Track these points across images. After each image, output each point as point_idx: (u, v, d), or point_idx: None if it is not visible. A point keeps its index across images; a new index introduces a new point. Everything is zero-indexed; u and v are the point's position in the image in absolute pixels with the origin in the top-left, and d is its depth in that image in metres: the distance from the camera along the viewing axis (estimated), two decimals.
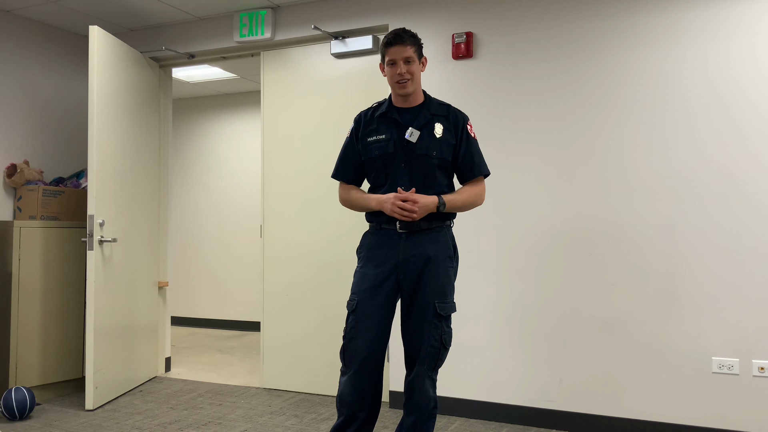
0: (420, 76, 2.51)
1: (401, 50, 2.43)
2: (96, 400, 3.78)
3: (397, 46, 2.44)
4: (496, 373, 3.55)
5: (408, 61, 2.44)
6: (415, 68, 2.46)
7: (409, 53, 2.44)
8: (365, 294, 2.45)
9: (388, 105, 2.56)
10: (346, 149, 2.63)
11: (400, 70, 2.44)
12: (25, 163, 4.24)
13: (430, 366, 2.44)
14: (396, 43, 2.44)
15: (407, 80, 2.45)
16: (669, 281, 3.21)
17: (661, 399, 3.21)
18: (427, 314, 2.42)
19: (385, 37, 2.49)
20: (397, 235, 2.46)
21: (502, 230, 3.56)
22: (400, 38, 2.44)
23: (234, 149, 6.84)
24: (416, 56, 2.47)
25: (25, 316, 3.93)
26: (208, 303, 6.89)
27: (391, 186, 2.48)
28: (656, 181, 3.25)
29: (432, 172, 2.47)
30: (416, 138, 2.45)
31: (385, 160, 2.49)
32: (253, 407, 3.81)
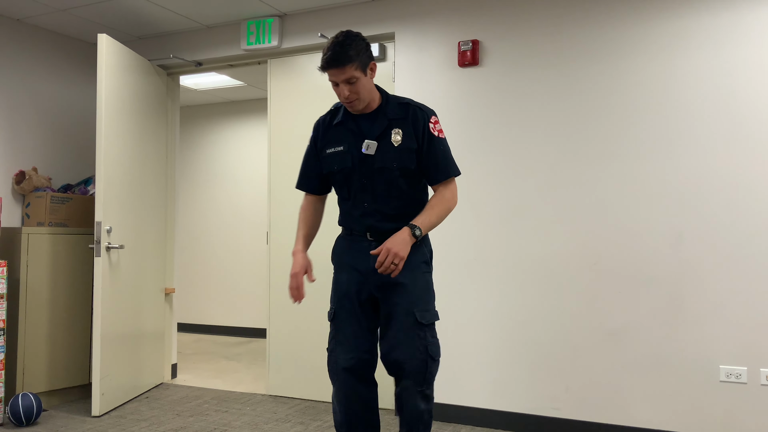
0: (370, 85, 2.30)
1: (340, 72, 2.20)
2: (102, 407, 3.79)
3: (334, 69, 2.20)
4: (502, 380, 3.54)
5: (350, 81, 2.22)
6: (360, 85, 2.24)
7: (350, 73, 2.20)
8: (340, 302, 2.36)
9: (344, 113, 2.39)
10: (307, 158, 2.49)
11: (343, 93, 2.24)
12: (34, 170, 4.27)
13: (419, 381, 2.26)
14: (332, 66, 2.19)
15: (353, 100, 2.27)
16: (675, 289, 3.20)
17: (668, 407, 3.19)
18: (407, 324, 2.25)
19: (322, 53, 2.23)
20: (367, 241, 2.35)
21: (507, 237, 3.56)
22: (337, 60, 2.18)
23: (241, 156, 6.87)
24: (360, 72, 2.23)
25: (33, 322, 3.95)
26: (215, 309, 6.90)
27: (355, 201, 2.36)
28: (663, 189, 3.24)
29: (396, 183, 2.32)
30: (374, 150, 2.29)
31: (345, 174, 2.36)
32: (258, 414, 3.81)
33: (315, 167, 2.47)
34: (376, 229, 2.34)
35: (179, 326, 6.98)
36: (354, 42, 2.21)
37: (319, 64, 2.28)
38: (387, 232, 2.29)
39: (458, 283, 3.66)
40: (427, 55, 3.81)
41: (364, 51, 2.24)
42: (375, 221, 2.34)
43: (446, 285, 3.67)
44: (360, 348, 2.32)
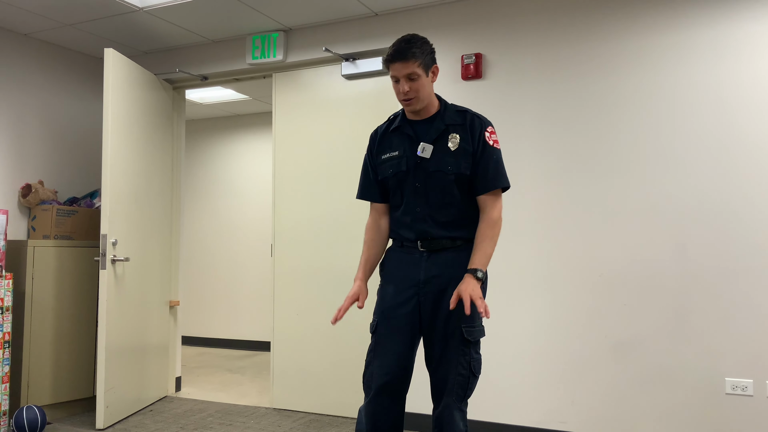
0: (430, 88, 2.28)
1: (403, 67, 2.20)
2: (107, 420, 3.78)
3: (398, 63, 2.20)
4: (508, 394, 3.53)
5: (412, 78, 2.21)
6: (420, 84, 2.22)
7: (412, 69, 2.19)
8: (384, 315, 2.30)
9: (401, 118, 2.37)
10: (365, 168, 2.46)
11: (403, 89, 2.22)
12: (40, 183, 4.30)
13: (459, 397, 2.23)
14: (397, 59, 2.20)
15: (412, 98, 2.24)
16: (681, 301, 3.19)
17: (674, 420, 3.17)
18: (453, 340, 2.22)
19: (388, 49, 2.25)
20: (419, 253, 2.29)
21: (512, 251, 3.56)
22: (402, 54, 2.19)
23: (245, 169, 6.89)
24: (422, 70, 2.21)
25: (38, 334, 3.96)
26: (219, 323, 6.90)
27: (407, 207, 2.31)
28: (667, 201, 3.24)
29: (450, 189, 2.26)
30: (429, 153, 2.26)
31: (399, 179, 2.31)
32: (262, 428, 3.80)
33: (373, 176, 2.43)
34: (427, 235, 2.28)
35: (183, 339, 6.98)
36: (420, 42, 2.24)
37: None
38: (438, 239, 2.27)
39: None
40: None
41: (429, 53, 2.25)
42: (427, 227, 2.28)
43: None
44: (398, 365, 2.26)
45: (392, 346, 2.26)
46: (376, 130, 2.45)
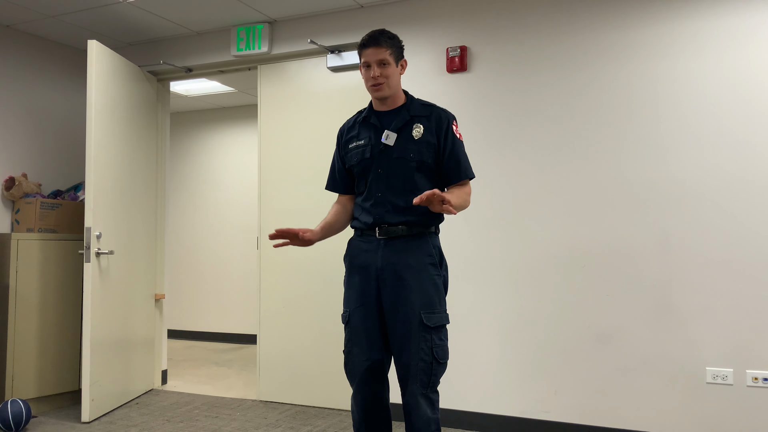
0: (398, 78, 2.41)
1: (375, 52, 2.32)
2: (92, 413, 3.78)
3: (371, 48, 2.33)
4: (492, 384, 3.56)
5: (383, 64, 2.33)
6: (390, 71, 2.35)
7: (384, 56, 2.33)
8: (354, 304, 2.38)
9: (368, 110, 2.48)
10: (334, 161, 2.59)
11: (374, 73, 2.33)
12: (24, 176, 4.27)
13: (424, 383, 2.25)
14: (370, 44, 2.33)
15: (381, 83, 2.34)
16: (663, 292, 3.23)
17: (655, 409, 3.22)
18: (412, 326, 2.26)
19: (362, 38, 2.38)
20: (376, 241, 2.36)
21: (496, 241, 3.59)
22: (375, 40, 2.33)
23: (231, 162, 6.87)
24: (393, 59, 2.35)
25: (22, 328, 3.94)
26: (205, 316, 6.89)
27: (369, 192, 2.39)
28: (650, 192, 3.28)
29: (410, 175, 2.34)
30: (393, 141, 2.36)
31: (363, 166, 2.41)
32: (249, 420, 3.81)
33: (340, 167, 2.54)
34: (384, 220, 2.35)
35: (169, 333, 6.96)
36: (392, 34, 2.38)
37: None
38: (395, 226, 2.34)
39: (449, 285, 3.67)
40: (416, 61, 3.84)
41: (399, 45, 2.40)
42: (384, 211, 2.35)
43: None
44: (375, 348, 2.34)
45: (366, 332, 2.34)
46: (344, 124, 2.57)
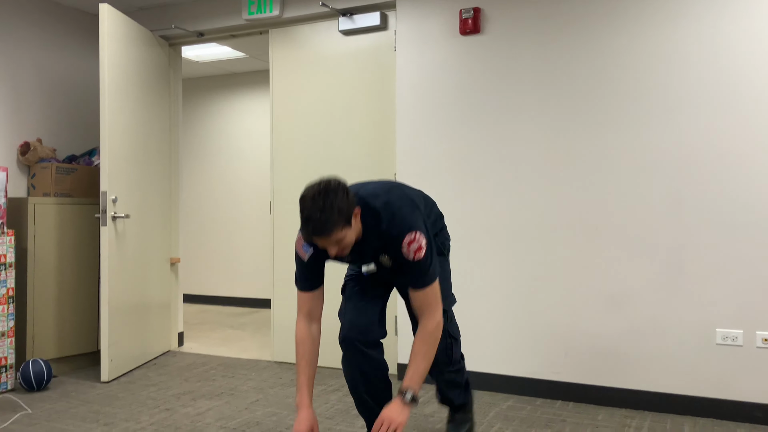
0: (357, 227, 2.16)
1: (326, 240, 2.06)
2: (111, 373, 3.87)
3: (321, 238, 2.04)
4: (502, 346, 3.61)
5: (338, 241, 2.07)
6: (348, 238, 2.10)
7: (336, 237, 2.05)
8: (351, 276, 2.53)
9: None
10: (309, 264, 2.32)
11: (330, 253, 2.13)
12: (38, 141, 4.30)
13: (446, 363, 2.50)
14: (318, 236, 2.04)
15: (343, 251, 2.15)
16: (675, 254, 3.24)
17: (665, 370, 3.25)
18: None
19: (301, 215, 2.04)
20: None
21: (507, 205, 3.60)
22: (320, 231, 2.01)
23: (243, 128, 6.88)
24: (346, 228, 2.07)
25: (41, 290, 4.02)
26: (219, 281, 6.98)
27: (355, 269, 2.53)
28: (662, 156, 3.26)
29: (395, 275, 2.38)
30: (374, 268, 2.37)
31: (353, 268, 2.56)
32: (264, 379, 3.89)
33: (317, 268, 2.34)
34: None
35: (184, 297, 7.06)
36: (335, 201, 2.01)
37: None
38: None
39: (459, 252, 3.70)
40: (429, 23, 3.81)
41: (346, 204, 2.05)
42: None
43: None
44: (367, 314, 2.42)
45: (360, 299, 2.44)
46: (306, 246, 2.31)
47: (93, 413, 3.26)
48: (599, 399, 3.37)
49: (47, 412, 3.29)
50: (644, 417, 3.17)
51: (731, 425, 3.04)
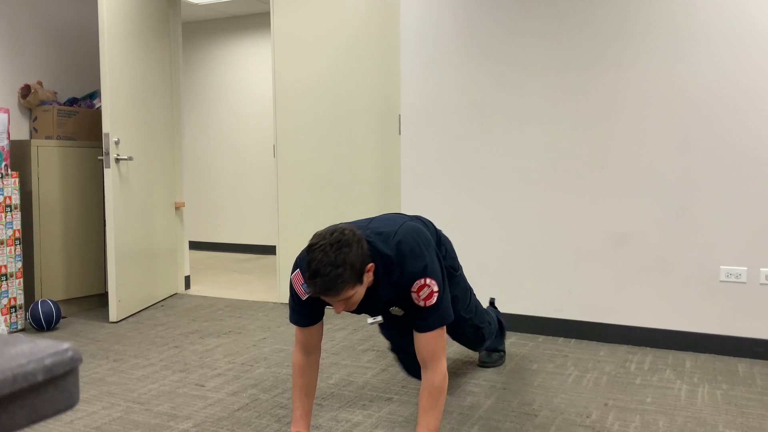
0: (369, 281, 1.94)
1: (334, 298, 1.86)
2: (119, 313, 3.92)
3: (328, 297, 1.85)
4: (507, 285, 3.63)
5: (346, 299, 1.88)
6: (357, 296, 1.90)
7: (346, 295, 1.85)
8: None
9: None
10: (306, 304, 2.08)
11: (338, 310, 1.92)
12: (39, 83, 4.26)
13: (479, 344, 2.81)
14: (327, 294, 1.84)
15: (350, 308, 1.97)
16: (680, 193, 3.23)
17: (669, 308, 3.28)
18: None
19: (308, 278, 1.83)
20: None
21: (513, 145, 3.57)
22: (329, 289, 1.81)
23: (244, 71, 6.79)
24: (358, 285, 1.87)
25: (47, 232, 4.04)
26: (224, 228, 7.01)
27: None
28: (670, 94, 3.21)
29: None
30: (381, 319, 2.20)
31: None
32: (271, 319, 3.94)
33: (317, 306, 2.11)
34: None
35: (190, 244, 7.11)
36: (348, 257, 1.81)
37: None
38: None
39: (464, 192, 3.69)
40: None
41: (360, 259, 1.85)
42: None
43: (453, 195, 3.71)
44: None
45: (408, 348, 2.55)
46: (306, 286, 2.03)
47: (102, 351, 3.32)
48: (601, 336, 3.41)
49: None
50: (646, 353, 3.21)
51: (732, 360, 3.08)
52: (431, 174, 3.76)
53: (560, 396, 2.63)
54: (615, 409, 2.48)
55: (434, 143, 3.74)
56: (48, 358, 0.42)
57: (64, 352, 0.45)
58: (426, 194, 3.78)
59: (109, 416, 2.46)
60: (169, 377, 2.90)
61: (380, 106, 4.03)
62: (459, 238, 3.71)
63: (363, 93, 4.07)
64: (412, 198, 3.81)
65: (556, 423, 2.36)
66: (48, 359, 0.42)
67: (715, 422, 2.35)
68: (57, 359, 0.42)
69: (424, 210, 3.78)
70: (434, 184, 3.75)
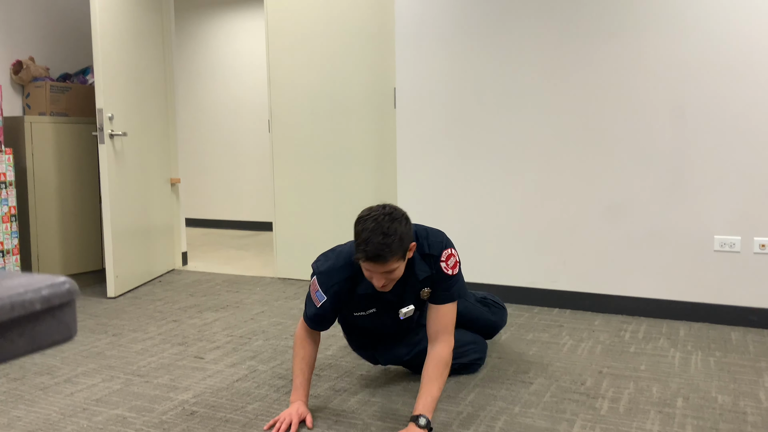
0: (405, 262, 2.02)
1: (381, 267, 1.92)
2: (117, 289, 3.94)
3: (375, 264, 1.92)
4: (502, 257, 3.65)
5: (389, 272, 1.95)
6: (398, 272, 1.98)
7: (391, 266, 1.93)
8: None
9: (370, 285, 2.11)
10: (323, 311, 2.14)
11: (378, 282, 1.98)
12: (31, 59, 4.22)
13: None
14: (374, 261, 1.91)
15: (387, 287, 2.04)
16: (675, 162, 3.23)
17: (663, 278, 3.30)
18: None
19: (360, 237, 1.91)
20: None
21: (509, 117, 3.56)
22: (379, 257, 1.88)
23: (238, 45, 6.74)
24: (401, 261, 1.96)
25: (43, 209, 4.04)
26: (220, 204, 7.01)
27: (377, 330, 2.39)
28: (664, 65, 3.21)
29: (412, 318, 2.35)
30: (411, 312, 2.23)
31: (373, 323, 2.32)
32: (268, 293, 3.96)
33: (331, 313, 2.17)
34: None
35: (186, 222, 7.11)
36: (398, 228, 1.90)
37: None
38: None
39: (460, 165, 3.69)
40: None
41: (408, 235, 1.95)
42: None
43: (449, 168, 3.71)
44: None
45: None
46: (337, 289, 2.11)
47: (101, 325, 3.34)
48: (596, 306, 3.44)
49: None
50: (640, 322, 3.24)
51: (725, 329, 3.12)
52: (427, 148, 3.75)
53: (555, 364, 2.66)
54: (609, 377, 2.51)
55: (429, 117, 3.73)
56: (45, 289, 0.43)
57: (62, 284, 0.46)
58: (422, 168, 3.78)
59: (109, 388, 2.48)
60: (168, 350, 2.92)
61: (375, 80, 4.01)
62: (455, 211, 3.72)
63: (358, 66, 4.05)
64: (408, 172, 3.81)
65: (551, 390, 2.39)
66: (45, 290, 0.43)
67: (708, 388, 2.38)
68: (54, 290, 0.44)
69: (419, 183, 3.79)
70: (430, 157, 3.75)
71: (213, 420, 2.18)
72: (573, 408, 2.23)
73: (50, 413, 2.26)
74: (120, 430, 2.11)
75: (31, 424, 2.17)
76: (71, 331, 0.45)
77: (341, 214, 4.17)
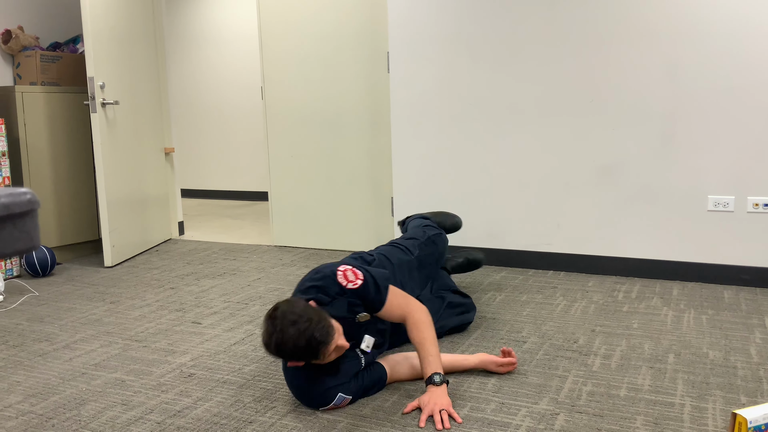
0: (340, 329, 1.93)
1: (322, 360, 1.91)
2: (114, 258, 3.95)
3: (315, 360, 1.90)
4: (495, 221, 3.66)
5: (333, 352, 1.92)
6: (337, 348, 1.91)
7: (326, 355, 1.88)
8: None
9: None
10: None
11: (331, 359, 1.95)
12: (20, 28, 4.17)
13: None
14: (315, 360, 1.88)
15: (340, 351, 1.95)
16: (668, 122, 3.22)
17: (657, 238, 3.32)
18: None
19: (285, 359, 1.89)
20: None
21: (502, 78, 3.54)
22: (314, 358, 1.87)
23: (230, 11, 6.65)
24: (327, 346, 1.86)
25: (37, 179, 4.03)
26: (215, 174, 6.99)
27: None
28: (658, 23, 3.17)
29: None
30: (372, 340, 2.11)
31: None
32: (265, 261, 3.98)
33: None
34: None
35: (182, 192, 7.10)
36: (305, 334, 1.81)
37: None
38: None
39: (453, 128, 3.68)
40: None
41: (322, 331, 1.83)
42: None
43: (442, 131, 3.69)
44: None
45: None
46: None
47: (99, 294, 3.36)
48: (590, 267, 3.46)
49: (54, 294, 3.39)
50: (634, 282, 3.27)
51: (718, 288, 3.14)
52: (421, 110, 3.73)
53: (548, 324, 2.69)
54: (602, 335, 2.54)
55: (423, 79, 3.70)
56: (5, 198, 0.44)
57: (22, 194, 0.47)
58: (416, 131, 3.76)
59: (107, 353, 2.51)
60: (166, 316, 2.94)
61: (368, 43, 3.97)
62: (449, 174, 3.72)
63: (350, 29, 4.01)
64: (402, 135, 3.80)
65: (543, 348, 2.42)
66: (5, 198, 0.44)
67: (700, 344, 2.41)
68: (14, 199, 0.44)
69: (414, 146, 3.78)
70: (424, 120, 3.74)
71: (211, 381, 2.21)
72: (565, 365, 2.26)
73: (49, 378, 2.29)
74: (119, 393, 2.14)
75: (31, 389, 2.20)
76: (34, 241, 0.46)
77: (335, 182, 4.17)
